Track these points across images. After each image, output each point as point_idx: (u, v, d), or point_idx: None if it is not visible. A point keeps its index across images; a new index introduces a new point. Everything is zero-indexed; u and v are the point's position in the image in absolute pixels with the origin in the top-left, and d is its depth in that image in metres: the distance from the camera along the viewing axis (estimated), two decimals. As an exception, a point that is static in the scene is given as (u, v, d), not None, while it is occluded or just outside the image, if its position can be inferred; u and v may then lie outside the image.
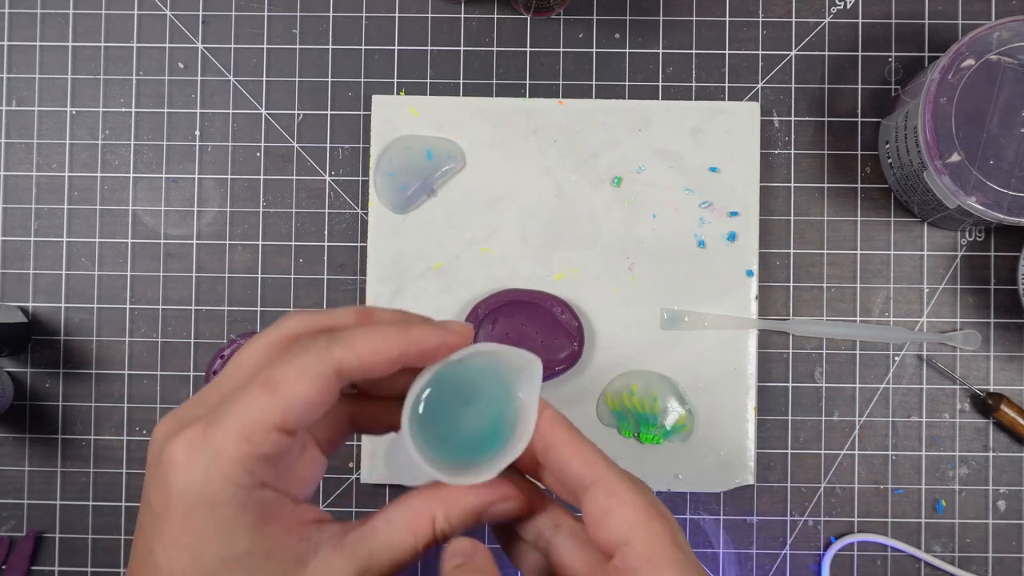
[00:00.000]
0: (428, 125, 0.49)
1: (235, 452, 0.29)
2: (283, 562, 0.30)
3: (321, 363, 0.30)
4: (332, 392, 0.30)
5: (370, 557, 0.31)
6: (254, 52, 0.51)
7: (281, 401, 0.29)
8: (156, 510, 0.30)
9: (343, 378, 0.30)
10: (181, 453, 0.29)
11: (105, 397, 0.50)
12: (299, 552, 0.30)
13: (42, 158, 0.51)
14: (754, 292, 0.49)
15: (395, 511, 0.32)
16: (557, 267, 0.49)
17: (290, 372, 0.30)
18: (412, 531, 0.32)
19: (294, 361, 0.30)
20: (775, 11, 0.51)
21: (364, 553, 0.31)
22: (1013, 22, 0.42)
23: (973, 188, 0.43)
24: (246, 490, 0.30)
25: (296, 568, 0.30)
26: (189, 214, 0.51)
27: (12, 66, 0.51)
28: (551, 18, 0.51)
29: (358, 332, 0.31)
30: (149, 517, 0.30)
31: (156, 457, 0.30)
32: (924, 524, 0.50)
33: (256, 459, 0.29)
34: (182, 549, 0.29)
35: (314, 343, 0.30)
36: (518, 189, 0.49)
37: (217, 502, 0.29)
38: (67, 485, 0.50)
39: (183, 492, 0.29)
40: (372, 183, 0.49)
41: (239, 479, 0.29)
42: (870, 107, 0.51)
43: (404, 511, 0.32)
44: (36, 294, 0.51)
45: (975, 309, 0.50)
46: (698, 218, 0.49)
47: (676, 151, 0.49)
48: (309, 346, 0.30)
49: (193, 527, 0.29)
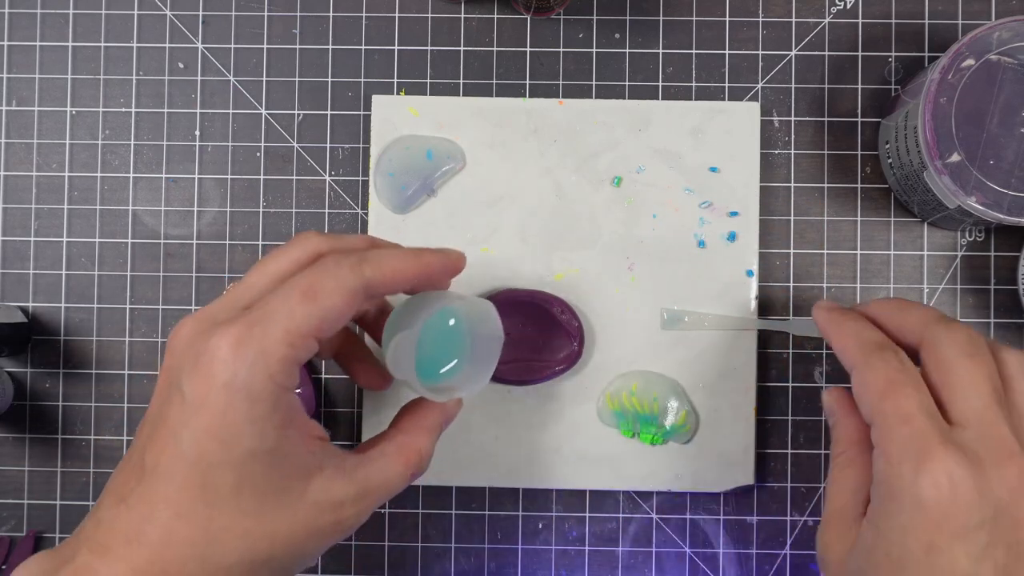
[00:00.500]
0: (428, 125, 0.49)
1: (279, 353, 0.31)
2: (294, 468, 0.32)
3: (354, 278, 0.33)
4: (357, 307, 0.33)
5: (367, 481, 0.34)
6: (254, 52, 0.51)
7: (321, 309, 0.32)
8: (191, 400, 0.31)
9: (368, 294, 0.34)
10: (227, 348, 0.31)
11: (105, 397, 0.50)
12: (307, 464, 0.33)
13: (42, 158, 0.51)
14: (754, 292, 0.49)
15: (388, 444, 0.36)
16: (557, 267, 0.49)
17: (329, 284, 0.32)
18: (403, 462, 0.36)
19: (331, 274, 0.33)
20: (775, 11, 0.51)
21: (362, 478, 0.34)
22: (1013, 22, 0.42)
23: (973, 188, 0.43)
24: (281, 391, 0.32)
25: (303, 479, 0.33)
26: (189, 214, 0.51)
27: (12, 66, 0.51)
28: (551, 18, 0.51)
29: (383, 254, 0.34)
30: (179, 406, 0.31)
31: (194, 350, 0.31)
32: (924, 524, 0.50)
33: (293, 363, 0.32)
34: (214, 438, 0.31)
35: (347, 260, 0.33)
36: (518, 189, 0.49)
37: (256, 398, 0.31)
38: (67, 485, 0.50)
39: (227, 384, 0.31)
40: (372, 183, 0.49)
41: (278, 379, 0.31)
42: (870, 107, 0.51)
43: (394, 445, 0.36)
44: (36, 294, 0.51)
45: (975, 309, 0.50)
46: (698, 218, 0.49)
47: (676, 151, 0.49)
48: (342, 262, 0.33)
49: (230, 419, 0.31)
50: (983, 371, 0.32)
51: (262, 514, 0.32)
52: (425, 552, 0.50)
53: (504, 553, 0.50)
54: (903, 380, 0.32)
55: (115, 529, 0.31)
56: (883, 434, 0.31)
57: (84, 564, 0.31)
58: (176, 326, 0.34)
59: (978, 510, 0.29)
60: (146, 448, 0.32)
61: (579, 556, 0.50)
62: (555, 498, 0.50)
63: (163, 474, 0.31)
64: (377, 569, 0.50)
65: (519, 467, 0.48)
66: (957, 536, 0.29)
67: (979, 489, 0.29)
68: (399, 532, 0.50)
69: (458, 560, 0.50)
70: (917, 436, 0.30)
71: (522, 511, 0.50)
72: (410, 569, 0.50)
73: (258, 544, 0.32)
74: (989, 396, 0.31)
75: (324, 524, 0.33)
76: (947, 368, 0.32)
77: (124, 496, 0.32)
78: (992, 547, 0.29)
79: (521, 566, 0.50)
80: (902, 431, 0.31)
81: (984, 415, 0.31)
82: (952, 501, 0.29)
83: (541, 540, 0.50)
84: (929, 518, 0.29)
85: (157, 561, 0.31)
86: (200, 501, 0.31)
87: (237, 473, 0.31)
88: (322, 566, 0.50)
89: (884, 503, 0.31)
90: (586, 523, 0.50)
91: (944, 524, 0.29)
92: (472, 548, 0.50)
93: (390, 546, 0.50)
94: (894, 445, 0.31)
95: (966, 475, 0.29)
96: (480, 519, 0.50)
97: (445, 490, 0.50)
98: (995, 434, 0.31)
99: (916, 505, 0.30)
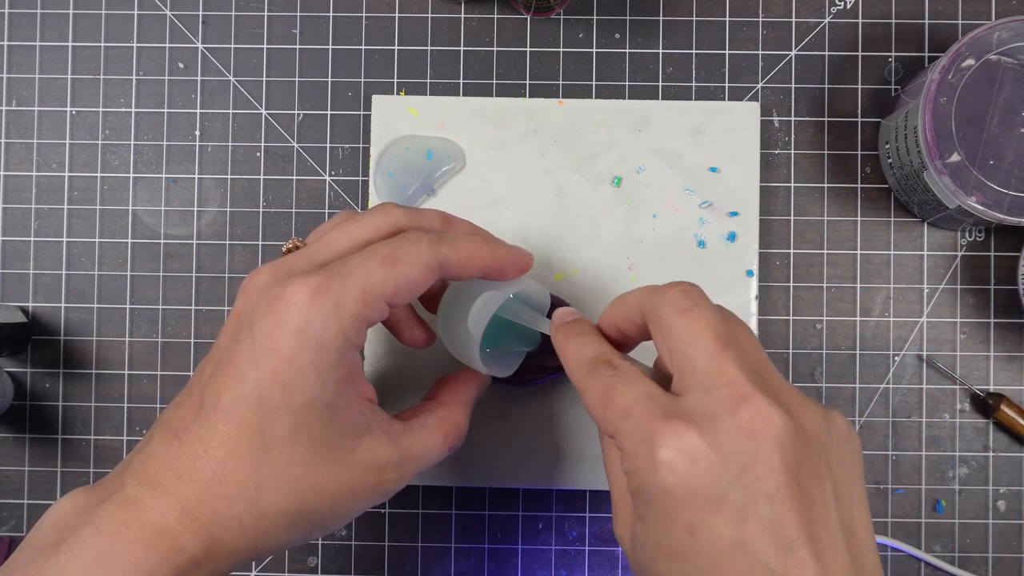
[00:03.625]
0: (428, 125, 0.49)
1: (353, 309, 0.32)
2: (347, 426, 0.33)
3: (432, 254, 0.34)
4: (430, 282, 0.34)
5: (410, 449, 0.35)
6: (254, 52, 0.51)
7: (397, 276, 0.33)
8: (261, 342, 0.32)
9: (442, 272, 0.35)
10: (304, 297, 0.31)
11: (105, 397, 0.50)
12: (358, 424, 0.34)
13: (42, 158, 0.51)
14: (754, 292, 0.49)
15: (429, 416, 0.37)
16: (557, 267, 0.49)
17: (408, 254, 0.33)
18: (443, 434, 0.37)
19: (411, 246, 0.34)
20: (775, 11, 0.51)
21: (406, 445, 0.35)
22: (1013, 22, 0.42)
23: (973, 188, 0.43)
24: (348, 346, 0.32)
25: (353, 438, 0.33)
26: (189, 214, 0.51)
27: (12, 66, 0.51)
28: (551, 18, 0.51)
29: (459, 237, 0.35)
30: (248, 347, 0.32)
31: (269, 295, 0.32)
32: (924, 524, 0.50)
33: (364, 321, 0.32)
34: (278, 382, 0.31)
35: (427, 236, 0.34)
36: (518, 189, 0.49)
37: (325, 348, 0.31)
38: (67, 485, 0.50)
39: (298, 331, 0.31)
40: (372, 183, 0.49)
41: (348, 334, 0.32)
42: (870, 107, 0.51)
43: (435, 417, 0.37)
44: (36, 294, 0.51)
45: (975, 309, 0.50)
46: (698, 218, 0.49)
47: (676, 151, 0.49)
48: (423, 237, 0.34)
49: (296, 365, 0.31)
50: (700, 322, 0.30)
51: (313, 465, 0.32)
52: (425, 552, 0.50)
53: (504, 553, 0.50)
54: (615, 382, 0.31)
55: (166, 463, 0.31)
56: (616, 437, 0.30)
57: (132, 496, 0.31)
58: (251, 273, 0.34)
59: (722, 471, 0.27)
60: (207, 386, 0.32)
61: (579, 556, 0.50)
62: (555, 498, 0.50)
63: (222, 413, 0.31)
64: (377, 569, 0.50)
65: (519, 467, 0.48)
66: (710, 508, 0.27)
67: (715, 448, 0.27)
68: (399, 532, 0.50)
69: (458, 560, 0.50)
70: (640, 424, 0.29)
71: (522, 511, 0.50)
72: (410, 569, 0.50)
73: (304, 494, 0.32)
74: (711, 344, 0.29)
75: (367, 484, 0.34)
76: (667, 332, 0.31)
77: (178, 432, 0.32)
78: (750, 505, 0.27)
79: (521, 566, 0.50)
80: (626, 425, 0.29)
81: (709, 366, 0.29)
82: (692, 475, 0.27)
83: (541, 540, 0.50)
84: (679, 500, 0.27)
85: (207, 499, 0.31)
86: (256, 443, 0.31)
87: (295, 421, 0.31)
88: (322, 566, 0.50)
89: (637, 498, 0.29)
90: (586, 523, 0.50)
91: (694, 501, 0.27)
92: (472, 548, 0.50)
93: (390, 546, 0.50)
94: (626, 441, 0.29)
95: (696, 440, 0.27)
96: (480, 519, 0.50)
97: (445, 490, 0.50)
98: (723, 382, 0.28)
99: (663, 492, 0.28)
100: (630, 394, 0.30)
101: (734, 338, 0.30)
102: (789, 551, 0.27)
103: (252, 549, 0.32)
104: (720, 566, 0.27)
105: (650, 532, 0.29)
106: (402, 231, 0.36)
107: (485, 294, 0.37)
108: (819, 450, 0.29)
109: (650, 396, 0.30)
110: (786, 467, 0.27)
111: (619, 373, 0.31)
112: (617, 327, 0.35)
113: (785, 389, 0.30)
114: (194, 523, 0.31)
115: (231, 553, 0.32)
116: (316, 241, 0.36)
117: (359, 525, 0.50)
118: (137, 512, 0.31)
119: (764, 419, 0.28)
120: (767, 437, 0.27)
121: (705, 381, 0.29)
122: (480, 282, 0.38)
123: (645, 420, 0.29)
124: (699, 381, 0.29)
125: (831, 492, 0.28)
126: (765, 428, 0.28)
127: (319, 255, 0.34)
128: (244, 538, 0.32)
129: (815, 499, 0.28)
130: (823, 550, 0.27)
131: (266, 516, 0.32)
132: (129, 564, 0.30)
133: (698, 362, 0.29)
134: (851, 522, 0.29)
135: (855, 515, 0.29)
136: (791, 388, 0.30)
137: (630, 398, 0.30)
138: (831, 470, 0.29)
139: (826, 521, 0.28)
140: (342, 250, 0.35)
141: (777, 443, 0.27)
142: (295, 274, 0.32)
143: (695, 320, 0.30)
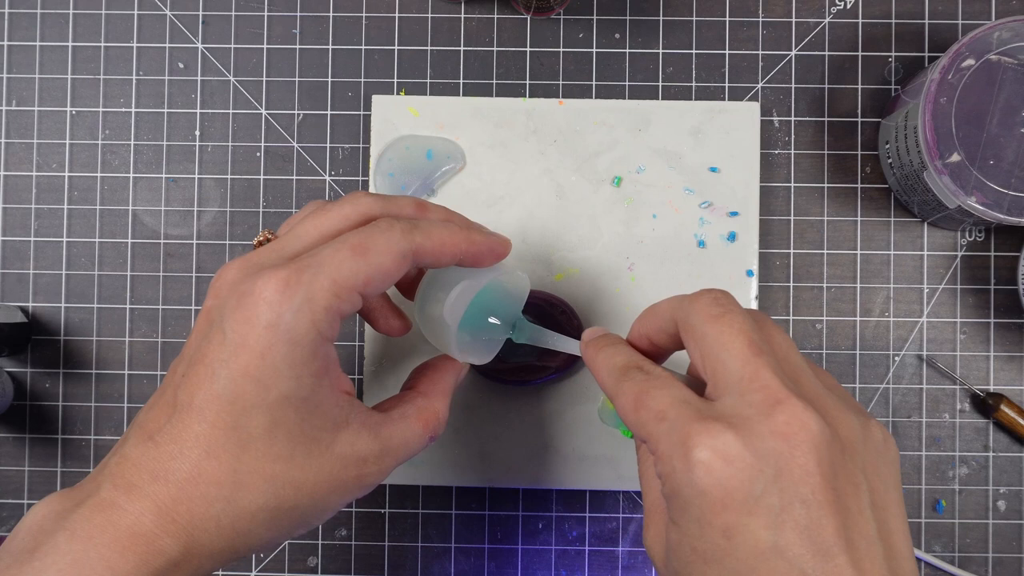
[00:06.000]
0: (428, 125, 0.49)
1: (325, 301, 0.31)
2: (325, 419, 0.33)
3: (405, 242, 0.33)
4: (403, 270, 0.34)
5: (389, 440, 0.35)
6: (254, 52, 0.51)
7: (368, 266, 0.32)
8: (232, 339, 0.31)
9: (415, 260, 0.34)
10: (274, 291, 0.31)
11: (105, 397, 0.50)
12: (335, 417, 0.33)
13: (42, 158, 0.51)
14: (754, 292, 0.49)
15: (408, 406, 0.37)
16: (557, 267, 0.49)
17: (380, 243, 0.33)
18: (423, 424, 0.36)
19: (382, 234, 0.33)
20: (775, 11, 0.51)
21: (385, 436, 0.35)
22: (1013, 22, 0.42)
23: (973, 188, 0.43)
24: (322, 339, 0.32)
25: (331, 431, 0.33)
26: (189, 214, 0.51)
27: (12, 66, 0.51)
28: (551, 18, 0.51)
29: (433, 224, 0.35)
30: (219, 344, 0.31)
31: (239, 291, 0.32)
32: (924, 524, 0.50)
33: (336, 313, 0.32)
34: (251, 379, 0.31)
35: (398, 223, 0.34)
36: (518, 189, 0.49)
37: (298, 342, 0.31)
38: (67, 485, 0.50)
39: (270, 326, 0.31)
40: (372, 183, 0.49)
41: (321, 327, 0.31)
42: (870, 107, 0.51)
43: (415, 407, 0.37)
44: (36, 294, 0.51)
45: (975, 309, 0.50)
46: (698, 218, 0.49)
47: (676, 151, 0.49)
48: (395, 225, 0.34)
49: (269, 361, 0.31)
50: (733, 328, 0.30)
51: (291, 460, 0.32)
52: (425, 552, 0.50)
53: (504, 553, 0.50)
54: (648, 386, 0.31)
55: (141, 465, 0.31)
56: (649, 441, 0.30)
57: (108, 499, 0.31)
58: (221, 269, 0.34)
59: (758, 473, 0.27)
60: (180, 386, 0.32)
61: (579, 556, 0.50)
62: (555, 498, 0.50)
63: (196, 412, 0.31)
64: (377, 569, 0.50)
65: (519, 467, 0.48)
66: (747, 511, 0.27)
67: (752, 450, 0.27)
68: (399, 532, 0.50)
69: (458, 560, 0.50)
70: (674, 426, 0.28)
71: (522, 511, 0.50)
72: (410, 569, 0.50)
73: (284, 491, 0.32)
74: (744, 350, 0.29)
75: (348, 478, 0.33)
76: (700, 339, 0.31)
77: (152, 433, 0.32)
78: (787, 509, 0.27)
79: (521, 566, 0.50)
80: (660, 428, 0.29)
81: (743, 371, 0.29)
82: (729, 476, 0.27)
83: (541, 540, 0.50)
84: (715, 502, 0.27)
85: (183, 499, 0.31)
86: (231, 441, 0.31)
87: (270, 417, 0.31)
88: (322, 566, 0.50)
89: (672, 502, 0.29)
90: (586, 523, 0.50)
91: (730, 503, 0.27)
92: (472, 548, 0.50)
93: (390, 546, 0.50)
94: (660, 444, 0.29)
95: (732, 441, 0.27)
96: (480, 519, 0.50)
97: (445, 490, 0.50)
98: (757, 387, 0.28)
99: (698, 494, 0.27)
100: (664, 397, 0.30)
101: (767, 343, 0.30)
102: (826, 557, 0.26)
103: (232, 549, 0.32)
104: (757, 570, 0.27)
105: (685, 536, 0.29)
106: (374, 219, 0.35)
107: (461, 284, 0.37)
108: (854, 457, 0.29)
109: (684, 399, 0.30)
110: (822, 472, 0.27)
111: (651, 377, 0.32)
112: (648, 338, 0.35)
113: (821, 395, 0.30)
114: (171, 525, 0.31)
115: (210, 554, 0.31)
116: (286, 233, 0.35)
117: (359, 525, 0.50)
118: (112, 516, 0.30)
119: (800, 423, 0.27)
120: (802, 441, 0.27)
121: (739, 386, 0.29)
122: (457, 269, 0.37)
123: (679, 422, 0.29)
124: (733, 386, 0.29)
125: (867, 500, 0.28)
126: (800, 432, 0.27)
127: (289, 247, 0.34)
128: (223, 538, 0.31)
129: (851, 506, 0.28)
130: (860, 558, 0.27)
131: (245, 515, 0.31)
132: (104, 568, 0.29)
133: (731, 367, 0.29)
134: (888, 532, 0.29)
135: (892, 525, 0.29)
136: (828, 393, 0.30)
137: (664, 401, 0.30)
138: (867, 477, 0.29)
139: (863, 529, 0.28)
140: (312, 241, 0.34)
141: (812, 447, 0.27)
142: (264, 267, 0.32)
143: (727, 326, 0.30)
